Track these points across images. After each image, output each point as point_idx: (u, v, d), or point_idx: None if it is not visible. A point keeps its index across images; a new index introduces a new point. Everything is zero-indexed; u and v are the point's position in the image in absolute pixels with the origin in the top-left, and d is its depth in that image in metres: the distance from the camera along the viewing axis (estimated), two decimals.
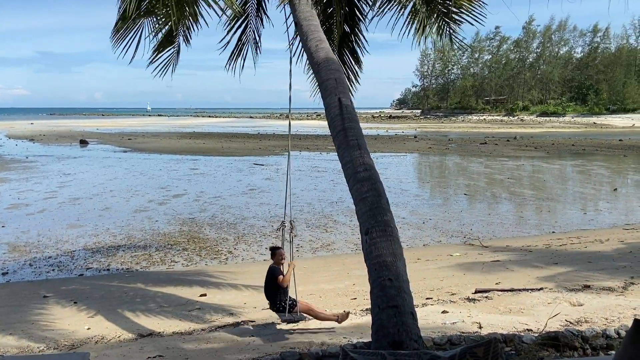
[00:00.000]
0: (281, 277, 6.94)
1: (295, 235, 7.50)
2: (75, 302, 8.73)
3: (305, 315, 7.04)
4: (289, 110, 7.47)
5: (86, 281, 10.54)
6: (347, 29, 8.41)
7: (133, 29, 7.00)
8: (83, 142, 45.81)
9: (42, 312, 8.27)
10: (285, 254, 7.25)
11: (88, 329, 7.44)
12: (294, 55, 7.60)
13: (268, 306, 7.15)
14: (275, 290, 6.95)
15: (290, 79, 7.12)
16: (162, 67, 7.84)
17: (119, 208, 17.81)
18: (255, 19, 7.97)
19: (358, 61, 8.71)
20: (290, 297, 6.98)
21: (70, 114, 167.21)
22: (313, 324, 7.19)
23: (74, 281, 10.56)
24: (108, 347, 6.59)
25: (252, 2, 7.85)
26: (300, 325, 7.20)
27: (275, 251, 7.31)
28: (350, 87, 8.72)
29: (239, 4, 7.74)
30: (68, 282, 10.48)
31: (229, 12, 6.89)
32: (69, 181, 24.00)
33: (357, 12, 8.31)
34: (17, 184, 23.09)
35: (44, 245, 13.17)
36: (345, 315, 7.00)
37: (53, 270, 11.33)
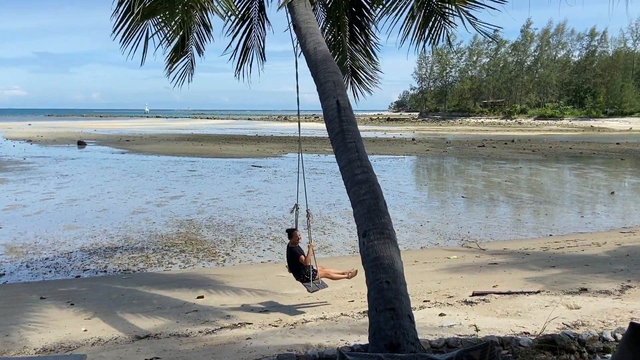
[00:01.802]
0: (303, 257, 8.13)
1: (312, 222, 8.60)
2: (72, 304, 8.71)
3: (326, 282, 8.34)
4: (298, 113, 8.03)
5: (83, 283, 10.52)
6: (356, 28, 8.40)
7: (137, 29, 7.00)
8: (81, 144, 45.77)
9: (38, 313, 8.24)
10: (302, 235, 8.43)
11: (84, 330, 7.42)
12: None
13: (293, 278, 8.43)
14: (298, 266, 8.16)
15: (297, 82, 7.24)
16: (179, 77, 8.16)
17: (117, 209, 17.79)
18: (258, 24, 7.97)
19: (372, 59, 8.69)
20: (311, 267, 8.16)
21: (68, 115, 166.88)
22: (310, 324, 7.19)
23: (70, 283, 10.54)
24: (104, 349, 6.57)
25: (254, 7, 7.85)
26: (298, 326, 7.20)
27: (292, 232, 8.42)
28: (367, 86, 8.77)
29: (241, 9, 7.75)
30: (65, 283, 10.47)
31: (232, 17, 6.90)
32: (66, 182, 23.97)
33: (366, 12, 8.30)
34: (14, 185, 23.05)
35: (41, 246, 13.14)
36: (355, 272, 8.29)
37: (50, 271, 11.30)
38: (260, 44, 8.07)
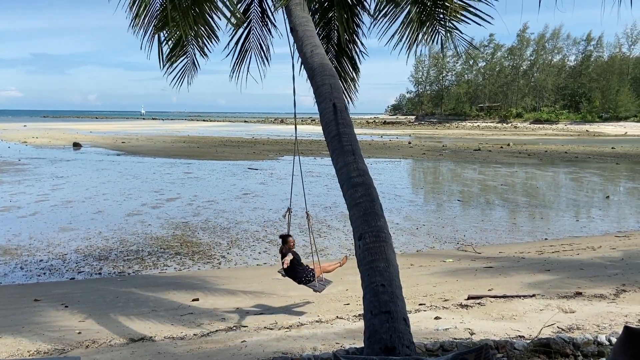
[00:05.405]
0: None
1: (312, 223, 8.47)
2: (66, 306, 8.67)
3: (328, 278, 8.37)
4: (294, 115, 8.03)
5: (77, 285, 10.48)
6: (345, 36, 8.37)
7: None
8: (76, 145, 45.60)
9: (32, 315, 8.20)
10: (302, 239, 8.70)
11: (79, 333, 7.38)
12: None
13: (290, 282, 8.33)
14: (297, 268, 8.05)
15: (294, 84, 7.22)
16: (178, 78, 7.84)
17: (112, 211, 17.73)
18: (261, 28, 7.93)
19: (356, 69, 8.66)
20: (308, 266, 8.16)
21: (63, 116, 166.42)
22: (305, 327, 7.17)
23: (65, 285, 10.50)
24: (99, 352, 6.54)
25: (254, 8, 7.83)
26: (293, 329, 7.18)
27: (286, 238, 8.21)
28: (349, 96, 8.68)
29: (241, 10, 7.71)
30: (59, 285, 10.42)
31: (233, 19, 6.85)
32: (61, 184, 23.87)
33: (357, 19, 8.28)
34: (9, 186, 22.93)
35: (36, 248, 13.08)
36: (345, 259, 8.74)
37: (44, 273, 11.25)
38: (259, 46, 8.01)
